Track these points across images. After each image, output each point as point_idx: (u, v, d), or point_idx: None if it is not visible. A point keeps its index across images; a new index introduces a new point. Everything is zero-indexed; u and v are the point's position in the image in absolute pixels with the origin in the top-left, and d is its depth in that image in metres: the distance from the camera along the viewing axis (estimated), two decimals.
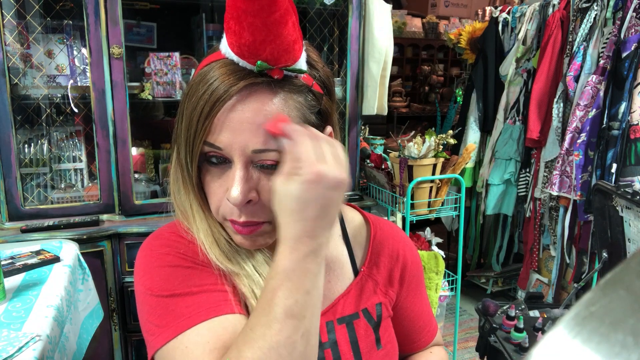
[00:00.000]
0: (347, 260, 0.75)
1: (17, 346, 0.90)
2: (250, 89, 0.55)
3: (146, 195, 1.90)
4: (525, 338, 1.45)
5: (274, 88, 0.56)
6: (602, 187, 1.53)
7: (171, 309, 0.59)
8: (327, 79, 0.64)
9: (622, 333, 0.20)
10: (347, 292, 0.73)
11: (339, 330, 0.70)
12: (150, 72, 1.82)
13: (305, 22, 2.10)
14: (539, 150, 2.48)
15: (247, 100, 0.55)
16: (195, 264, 0.63)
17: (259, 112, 0.55)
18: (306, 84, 0.59)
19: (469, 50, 2.95)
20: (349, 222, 0.78)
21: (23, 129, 1.76)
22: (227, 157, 0.58)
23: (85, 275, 1.42)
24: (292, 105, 0.57)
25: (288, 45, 0.54)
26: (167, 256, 0.63)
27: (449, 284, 2.16)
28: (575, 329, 0.21)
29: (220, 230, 0.64)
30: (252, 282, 0.63)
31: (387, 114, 2.29)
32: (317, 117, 0.61)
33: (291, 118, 0.57)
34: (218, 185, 0.60)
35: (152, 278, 0.62)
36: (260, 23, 0.51)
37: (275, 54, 0.54)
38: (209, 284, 0.61)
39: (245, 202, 0.58)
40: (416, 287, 0.81)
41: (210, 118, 0.55)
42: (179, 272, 0.62)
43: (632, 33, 2.01)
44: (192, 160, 0.58)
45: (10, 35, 1.67)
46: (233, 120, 0.55)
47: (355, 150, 2.15)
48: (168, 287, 0.60)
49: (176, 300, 0.59)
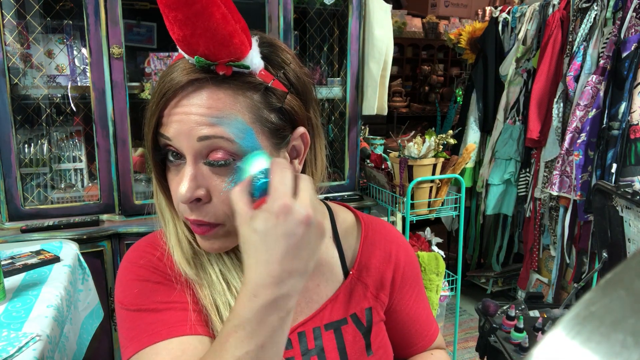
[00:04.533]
0: (337, 263, 0.73)
1: (17, 346, 0.90)
2: (195, 85, 0.55)
3: (146, 195, 1.90)
4: (525, 338, 1.44)
5: (220, 84, 0.55)
6: (602, 187, 1.53)
7: (137, 324, 0.60)
8: (298, 78, 0.61)
9: (622, 333, 0.20)
10: (335, 296, 0.70)
11: (326, 336, 0.68)
12: (150, 72, 1.82)
13: (305, 22, 2.10)
14: (539, 150, 2.48)
15: (191, 95, 0.55)
16: (165, 279, 0.63)
17: (204, 107, 0.55)
18: (263, 81, 0.57)
19: (469, 50, 2.95)
20: (341, 223, 0.76)
21: (23, 129, 1.76)
22: (179, 152, 0.57)
23: (85, 275, 1.42)
24: (243, 102, 0.56)
25: (223, 39, 0.52)
26: (140, 269, 0.64)
27: (449, 284, 2.16)
28: (575, 329, 0.21)
29: (184, 231, 0.64)
30: (215, 291, 0.61)
31: (387, 114, 2.29)
32: (280, 116, 0.59)
33: (242, 116, 0.56)
34: (176, 183, 0.59)
35: (124, 291, 0.63)
36: (183, 16, 0.50)
37: (211, 48, 0.53)
38: (175, 301, 0.61)
39: (194, 200, 0.57)
40: (411, 289, 0.77)
41: (158, 112, 0.57)
42: (148, 286, 0.62)
43: (632, 33, 2.01)
44: (150, 153, 0.59)
45: (10, 35, 1.67)
46: (179, 113, 0.56)
47: (355, 150, 2.15)
48: (136, 301, 0.61)
49: (142, 316, 0.60)
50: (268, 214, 0.48)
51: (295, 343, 0.67)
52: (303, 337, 0.67)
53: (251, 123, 0.56)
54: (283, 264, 0.48)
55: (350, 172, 2.16)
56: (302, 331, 0.68)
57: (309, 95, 0.64)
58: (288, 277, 0.48)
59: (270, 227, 0.48)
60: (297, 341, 0.67)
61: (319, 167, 0.68)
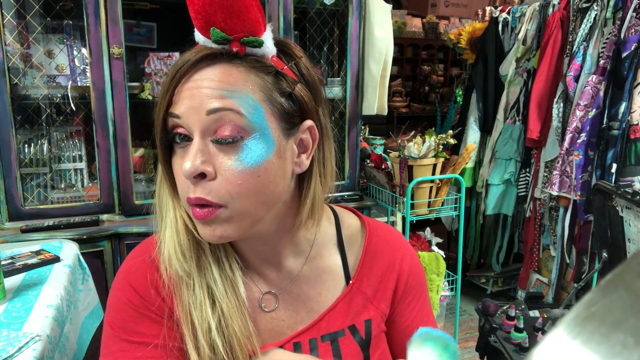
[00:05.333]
0: (340, 271, 0.70)
1: (17, 346, 0.90)
2: (208, 61, 0.56)
3: (146, 195, 1.90)
4: (525, 338, 1.44)
5: (233, 61, 0.56)
6: (602, 187, 1.53)
7: (112, 349, 0.62)
8: (309, 72, 0.62)
9: (622, 333, 0.20)
10: (334, 306, 0.68)
11: (322, 348, 0.66)
12: (150, 72, 1.82)
13: (305, 22, 2.10)
14: (539, 150, 2.48)
15: (204, 70, 0.56)
16: (148, 309, 0.62)
17: (215, 81, 0.55)
18: (274, 65, 0.58)
19: (469, 50, 2.95)
20: (346, 228, 0.73)
21: (23, 129, 1.75)
22: (187, 132, 0.57)
23: (85, 275, 1.42)
24: (255, 81, 0.56)
25: (239, 11, 0.54)
26: (127, 292, 0.63)
27: (449, 284, 2.16)
28: (575, 329, 0.21)
29: (185, 219, 0.62)
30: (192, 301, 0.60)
31: (387, 114, 2.29)
32: (289, 102, 0.59)
33: (254, 93, 0.56)
34: (180, 166, 0.58)
35: (110, 307, 0.64)
36: None
37: (228, 20, 0.54)
38: (153, 335, 0.61)
39: (198, 175, 0.55)
40: (414, 299, 0.74)
41: (171, 90, 0.56)
42: (131, 313, 0.62)
43: (632, 33, 2.01)
44: (158, 135, 0.59)
45: (10, 35, 1.67)
46: (190, 89, 0.56)
47: (355, 150, 2.15)
48: (117, 324, 0.62)
49: (118, 342, 0.62)
50: None
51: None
52: (298, 348, 0.66)
53: (261, 101, 0.56)
54: None
55: (350, 172, 2.16)
56: (298, 342, 0.66)
57: (318, 91, 0.64)
58: None
59: None
60: (292, 352, 0.65)
61: (328, 170, 0.66)
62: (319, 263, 0.70)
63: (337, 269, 0.70)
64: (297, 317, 0.67)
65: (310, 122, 0.61)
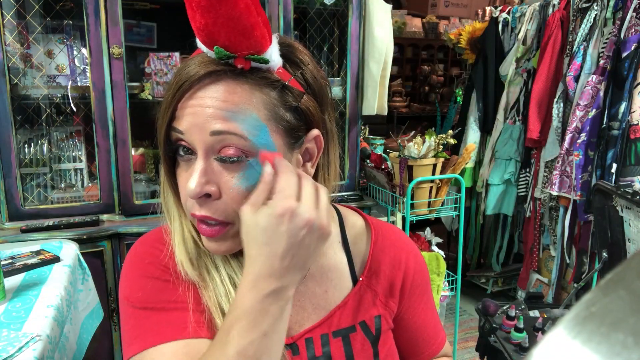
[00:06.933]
0: (345, 269, 0.71)
1: (17, 346, 0.90)
2: (212, 78, 0.54)
3: (146, 195, 1.90)
4: (525, 338, 1.44)
5: (238, 78, 0.55)
6: (602, 187, 1.53)
7: (142, 322, 0.59)
8: (315, 80, 0.61)
9: (622, 333, 0.20)
10: (344, 303, 0.69)
11: (334, 344, 0.67)
12: (150, 72, 1.82)
13: (305, 22, 2.10)
14: (539, 150, 2.48)
15: (208, 87, 0.54)
16: (172, 276, 0.62)
17: (219, 100, 0.54)
18: (280, 79, 0.57)
19: (469, 50, 2.95)
20: (350, 228, 0.74)
21: (23, 129, 1.76)
22: (191, 147, 0.57)
23: (85, 275, 1.42)
24: (260, 98, 0.55)
25: (244, 30, 0.52)
26: (149, 266, 0.62)
27: (449, 283, 2.16)
28: (575, 329, 0.21)
29: (191, 230, 0.63)
30: (219, 294, 0.60)
31: (387, 114, 2.29)
32: (295, 116, 0.58)
33: (258, 112, 0.55)
34: (184, 179, 0.58)
35: (131, 287, 0.62)
36: (206, 2, 0.50)
37: (232, 38, 0.52)
38: (181, 301, 0.60)
39: (203, 195, 0.56)
40: (420, 297, 0.76)
41: (174, 105, 0.56)
42: (157, 285, 0.61)
43: (632, 33, 2.01)
44: (162, 147, 0.58)
45: (10, 35, 1.67)
46: (193, 106, 0.55)
47: (355, 150, 2.15)
48: (143, 299, 0.60)
49: (148, 314, 0.59)
50: (272, 211, 0.51)
51: (303, 349, 0.66)
52: (310, 343, 0.67)
53: (266, 120, 0.56)
54: (283, 260, 0.52)
55: (350, 172, 2.16)
56: (310, 337, 0.67)
57: (324, 98, 0.63)
58: (287, 272, 0.52)
59: (273, 225, 0.51)
60: (305, 347, 0.66)
61: (331, 173, 0.66)
62: (324, 261, 0.70)
63: (343, 267, 0.72)
64: (303, 313, 0.68)
65: (317, 131, 0.61)
